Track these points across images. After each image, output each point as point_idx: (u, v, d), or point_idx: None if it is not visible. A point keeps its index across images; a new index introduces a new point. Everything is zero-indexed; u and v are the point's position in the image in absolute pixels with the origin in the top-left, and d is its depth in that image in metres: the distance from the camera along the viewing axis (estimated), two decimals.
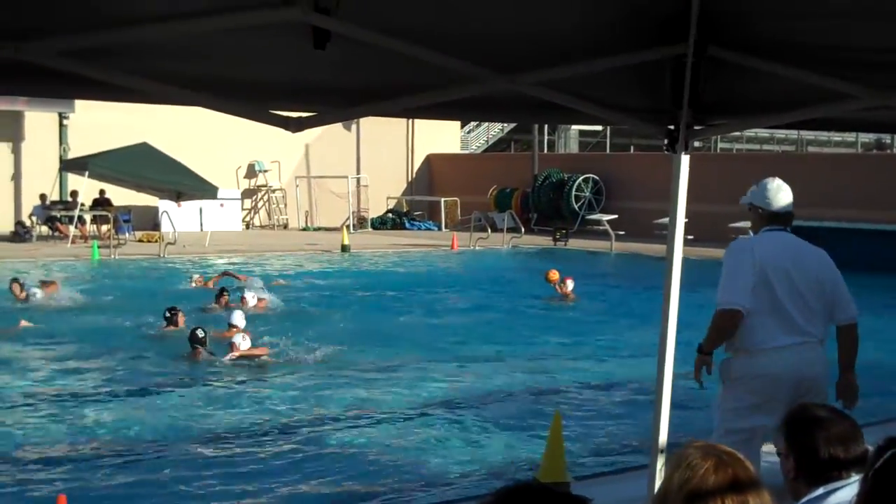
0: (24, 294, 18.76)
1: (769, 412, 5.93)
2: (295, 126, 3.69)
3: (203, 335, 13.87)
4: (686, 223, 5.10)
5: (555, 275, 20.32)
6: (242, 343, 13.79)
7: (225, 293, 18.21)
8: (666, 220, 21.54)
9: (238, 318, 14.95)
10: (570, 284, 20.04)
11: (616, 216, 32.83)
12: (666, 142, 4.74)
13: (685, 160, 4.68)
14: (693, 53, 4.16)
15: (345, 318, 17.11)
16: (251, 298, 17.95)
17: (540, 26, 3.92)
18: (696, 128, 4.71)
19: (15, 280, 19.14)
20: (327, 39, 3.46)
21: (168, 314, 15.64)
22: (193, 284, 21.30)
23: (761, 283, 5.98)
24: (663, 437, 5.35)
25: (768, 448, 8.94)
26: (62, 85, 3.72)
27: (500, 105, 4.75)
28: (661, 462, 5.33)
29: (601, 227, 32.64)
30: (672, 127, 4.63)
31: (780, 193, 6.28)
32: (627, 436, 10.51)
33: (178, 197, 30.66)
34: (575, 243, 32.36)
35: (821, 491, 3.40)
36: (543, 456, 7.90)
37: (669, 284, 4.93)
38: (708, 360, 6.20)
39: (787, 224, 6.29)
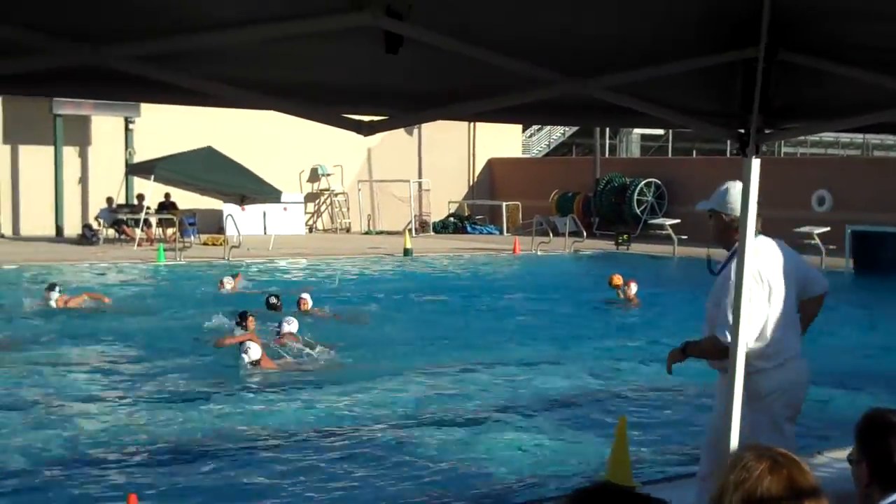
0: None
1: (793, 422, 5.94)
2: (367, 130, 3.71)
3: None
4: None
5: (618, 279, 20.24)
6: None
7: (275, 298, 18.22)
8: None
9: (291, 326, 15.07)
10: (633, 288, 19.96)
11: (678, 220, 32.62)
12: (737, 146, 4.71)
13: (756, 164, 4.64)
14: (764, 57, 4.13)
15: (407, 322, 17.15)
16: (309, 300, 18.04)
17: (611, 30, 3.92)
18: (767, 132, 4.68)
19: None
20: (400, 44, 3.48)
21: (238, 320, 15.60)
22: (227, 288, 20.98)
23: (772, 298, 5.85)
24: (734, 442, 5.32)
25: (836, 455, 8.86)
26: (137, 89, 3.78)
27: (569, 108, 4.76)
28: None
29: (664, 232, 32.46)
30: (742, 131, 4.61)
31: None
32: (692, 441, 10.42)
33: (242, 200, 30.91)
34: (637, 248, 32.22)
35: (894, 497, 3.36)
36: (608, 460, 7.86)
37: (741, 287, 4.89)
38: (683, 359, 6.18)
39: (759, 228, 5.97)
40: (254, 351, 13.38)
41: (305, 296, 18.21)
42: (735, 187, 6.06)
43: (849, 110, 4.70)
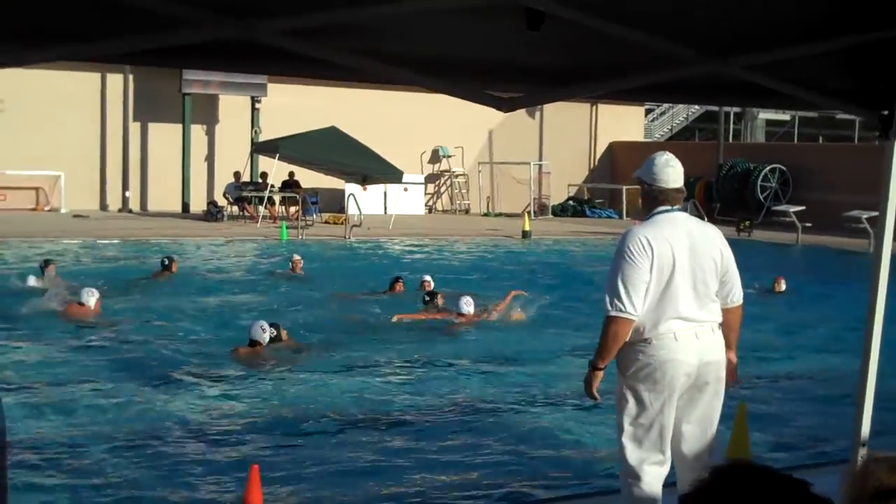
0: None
1: (671, 401, 5.73)
2: (507, 106, 3.74)
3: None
4: (874, 217, 4.90)
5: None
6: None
7: (399, 280, 18.34)
8: (855, 212, 20.98)
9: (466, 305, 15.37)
10: (783, 284, 19.75)
11: (803, 207, 32.00)
12: (878, 129, 4.62)
13: None
14: None
15: (525, 304, 17.11)
16: (430, 280, 18.14)
17: (754, 7, 3.87)
18: None
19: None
20: (541, 20, 3.49)
21: (427, 298, 15.93)
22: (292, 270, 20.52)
23: (657, 275, 5.64)
24: (865, 431, 5.25)
25: None
26: (280, 63, 3.85)
27: (703, 87, 4.73)
28: (862, 453, 5.22)
29: (787, 219, 31.87)
30: (886, 112, 4.52)
31: (669, 168, 5.83)
32: (815, 430, 10.29)
33: (364, 180, 31.18)
34: (759, 234, 31.70)
35: None
36: (728, 447, 7.80)
37: (877, 276, 4.81)
38: (601, 375, 5.84)
39: (676, 202, 5.88)
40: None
41: (428, 278, 18.32)
42: (660, 157, 5.89)
43: None
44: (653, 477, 5.84)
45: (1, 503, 4.88)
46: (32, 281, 17.06)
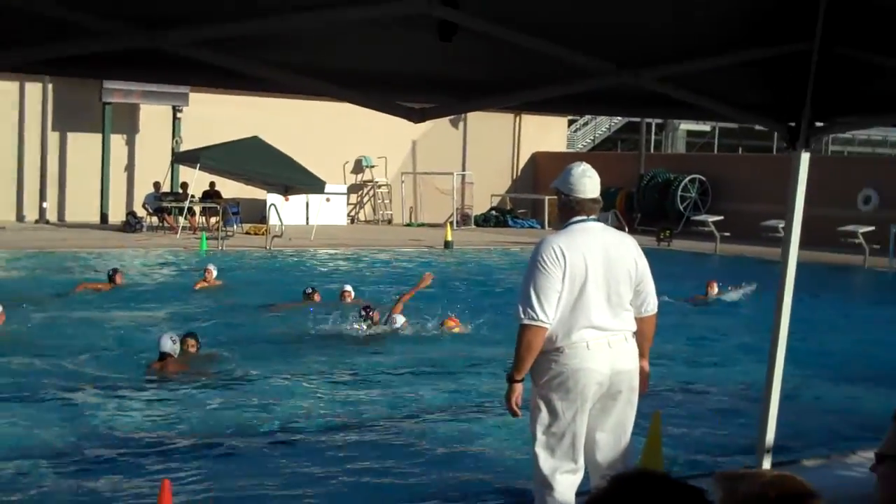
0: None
1: (583, 410, 5.76)
2: (418, 116, 3.74)
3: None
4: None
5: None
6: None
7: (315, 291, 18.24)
8: (773, 222, 21.28)
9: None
10: (715, 288, 20.02)
11: (722, 217, 32.42)
12: (786, 140, 4.70)
13: (805, 158, 4.64)
14: (819, 51, 4.13)
15: (447, 313, 17.12)
16: (350, 290, 18.10)
17: (666, 21, 3.92)
18: (818, 125, 4.67)
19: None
20: (454, 32, 3.50)
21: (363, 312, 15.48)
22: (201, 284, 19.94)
23: (570, 284, 5.68)
24: (770, 438, 5.33)
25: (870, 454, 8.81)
26: (194, 74, 3.83)
27: (619, 99, 4.77)
28: (767, 462, 5.30)
29: (706, 229, 32.28)
30: (793, 124, 4.60)
31: (585, 179, 5.80)
32: (726, 437, 10.39)
33: (286, 191, 31.03)
34: (679, 244, 32.06)
35: None
36: (641, 456, 7.86)
37: (784, 284, 4.89)
38: (520, 388, 5.84)
39: (592, 212, 5.87)
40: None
41: (348, 289, 18.26)
42: (577, 168, 5.96)
43: None
44: (566, 486, 5.86)
45: None
46: None
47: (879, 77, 4.32)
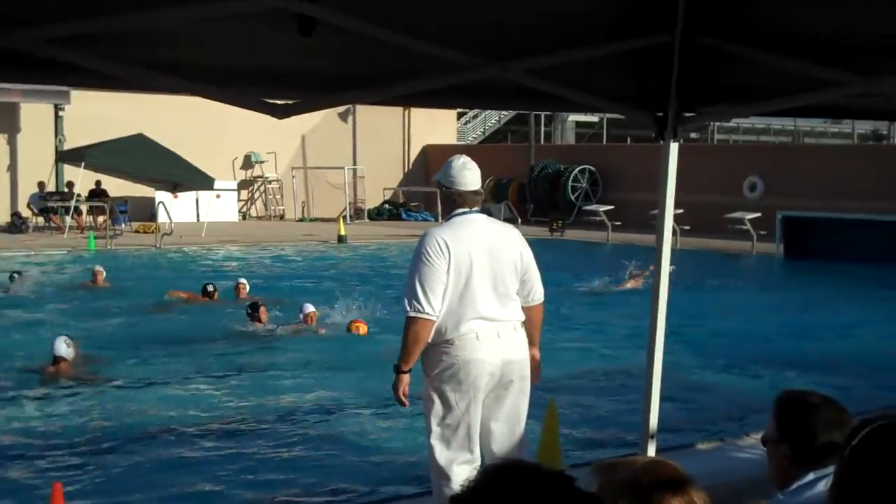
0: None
1: (476, 400, 5.85)
2: (281, 113, 3.70)
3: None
4: (682, 214, 5.08)
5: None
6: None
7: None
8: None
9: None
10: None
11: (612, 207, 32.81)
12: (656, 131, 4.75)
13: (674, 148, 4.70)
14: (680, 41, 4.17)
15: (345, 309, 17.03)
16: (245, 283, 17.98)
17: (529, 14, 3.92)
18: (686, 115, 4.72)
19: None
20: (313, 27, 3.45)
21: (250, 310, 15.37)
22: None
23: (455, 276, 5.76)
24: (654, 424, 5.39)
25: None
26: (51, 73, 3.73)
27: (493, 92, 4.77)
28: (652, 449, 5.36)
29: (598, 218, 32.65)
30: (661, 114, 4.64)
31: (465, 171, 5.99)
32: (619, 424, 10.52)
33: (174, 188, 30.64)
34: (572, 234, 32.39)
35: (811, 476, 3.40)
36: (538, 444, 7.91)
37: (659, 271, 4.95)
38: (407, 379, 5.92)
39: (474, 204, 6.02)
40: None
41: (243, 281, 18.12)
42: (457, 160, 6.07)
43: (768, 94, 4.73)
44: (463, 477, 5.86)
45: None
46: None
47: (740, 67, 4.38)
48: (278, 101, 3.82)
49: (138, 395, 11.49)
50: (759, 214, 29.08)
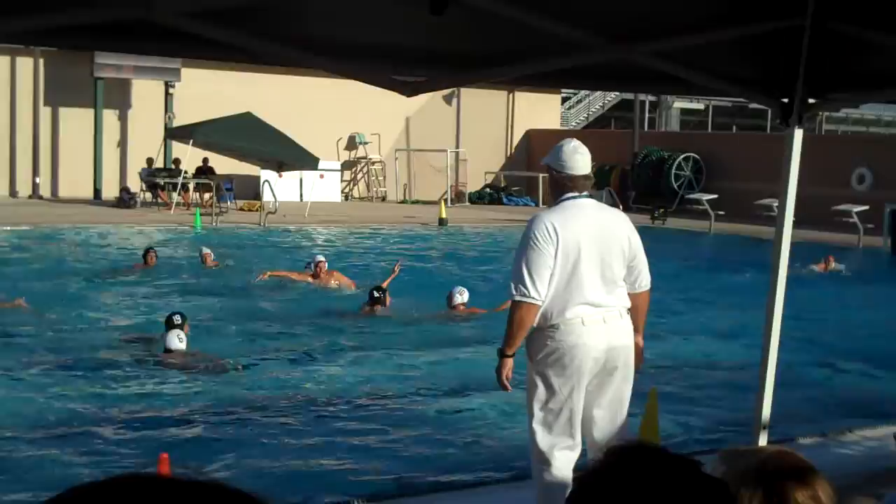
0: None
1: (580, 386, 5.81)
2: (410, 90, 3.73)
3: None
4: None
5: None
6: None
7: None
8: (767, 200, 21.35)
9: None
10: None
11: (716, 196, 32.40)
12: (779, 117, 4.68)
13: (798, 134, 4.62)
14: (811, 26, 4.11)
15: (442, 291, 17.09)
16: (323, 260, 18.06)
17: None
18: (811, 101, 4.65)
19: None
20: (445, 5, 3.47)
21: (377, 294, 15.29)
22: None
23: (563, 260, 5.73)
24: (766, 415, 5.33)
25: (866, 433, 8.82)
26: (186, 46, 3.80)
27: (613, 74, 4.75)
28: (763, 439, 5.31)
29: (701, 207, 32.27)
30: (786, 100, 4.58)
31: (577, 155, 5.92)
32: (722, 415, 10.42)
33: (279, 167, 30.91)
34: (673, 222, 32.07)
35: None
36: (639, 433, 7.87)
37: (777, 262, 4.89)
38: (511, 363, 5.91)
39: (584, 189, 5.97)
40: None
41: (321, 258, 18.24)
42: (568, 144, 5.99)
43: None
44: (563, 462, 5.88)
45: None
46: None
47: (872, 54, 4.30)
48: (408, 79, 3.84)
49: (246, 374, 11.65)
50: (866, 207, 28.50)
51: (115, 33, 3.69)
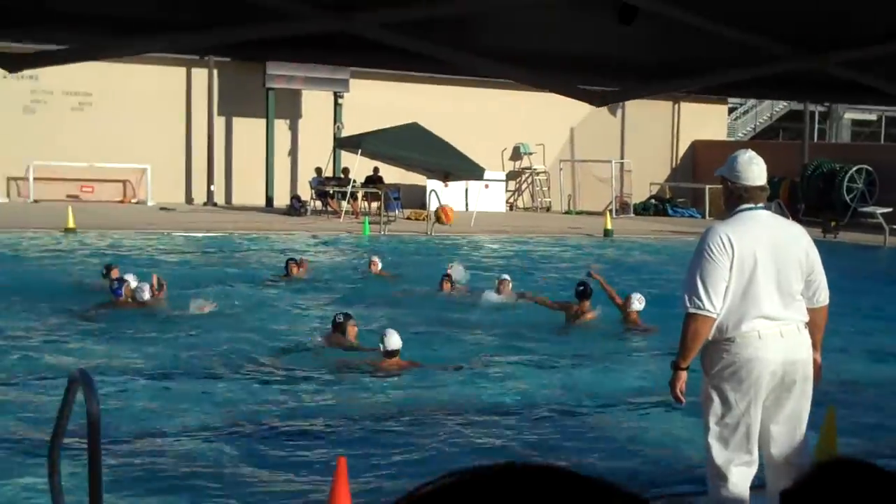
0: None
1: (757, 400, 5.70)
2: (599, 100, 3.74)
3: None
4: None
5: None
6: None
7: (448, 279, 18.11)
8: None
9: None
10: None
11: (891, 209, 31.45)
12: None
13: None
14: None
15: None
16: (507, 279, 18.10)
17: (848, 3, 3.82)
18: None
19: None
20: (634, 15, 3.47)
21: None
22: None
23: (738, 273, 5.65)
24: None
25: None
26: (376, 57, 3.88)
27: (795, 83, 4.67)
28: None
29: (874, 220, 31.36)
30: None
31: (753, 166, 5.83)
32: None
33: (445, 177, 31.23)
34: (845, 236, 31.24)
35: None
36: (815, 451, 7.71)
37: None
38: (685, 376, 5.89)
39: (760, 200, 5.86)
40: None
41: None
42: (743, 155, 5.90)
43: None
44: (740, 477, 5.81)
45: (95, 481, 5.00)
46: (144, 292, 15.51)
47: None
48: (596, 89, 3.86)
49: (427, 378, 11.79)
50: None
51: (312, 46, 3.80)
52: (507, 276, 17.78)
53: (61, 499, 5.61)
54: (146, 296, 14.77)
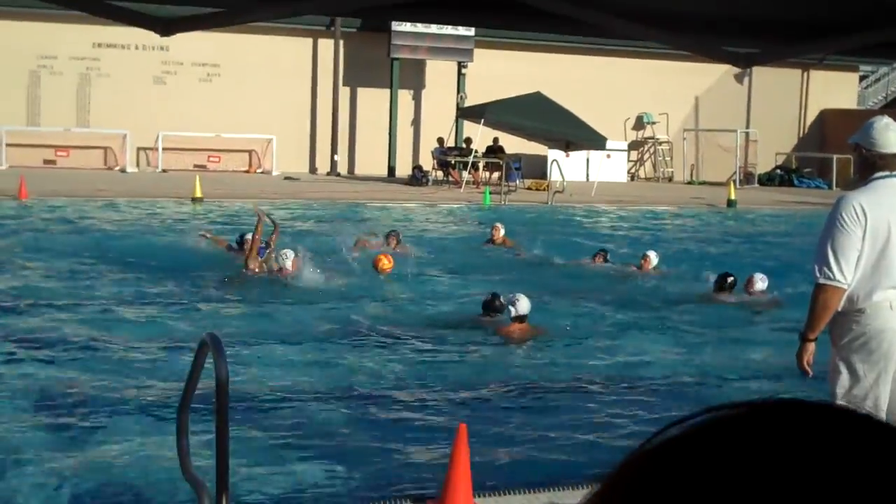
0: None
1: (886, 372, 5.54)
2: (745, 62, 3.67)
3: None
4: None
5: None
6: None
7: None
8: None
9: None
10: None
11: None
12: None
13: None
14: None
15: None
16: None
17: None
18: None
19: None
20: None
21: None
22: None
23: (871, 242, 5.47)
24: None
25: None
26: (520, 19, 3.87)
27: None
28: None
29: None
30: None
31: (889, 132, 5.60)
32: None
33: (567, 146, 31.05)
34: None
35: None
36: None
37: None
38: (813, 347, 5.76)
39: (895, 168, 5.64)
40: None
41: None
42: (880, 122, 5.69)
43: None
44: None
45: (222, 443, 5.09)
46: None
47: None
48: (740, 50, 3.78)
49: (547, 347, 11.77)
50: None
51: (439, 6, 3.79)
52: (651, 253, 17.50)
53: (189, 460, 5.73)
54: (288, 264, 14.98)
